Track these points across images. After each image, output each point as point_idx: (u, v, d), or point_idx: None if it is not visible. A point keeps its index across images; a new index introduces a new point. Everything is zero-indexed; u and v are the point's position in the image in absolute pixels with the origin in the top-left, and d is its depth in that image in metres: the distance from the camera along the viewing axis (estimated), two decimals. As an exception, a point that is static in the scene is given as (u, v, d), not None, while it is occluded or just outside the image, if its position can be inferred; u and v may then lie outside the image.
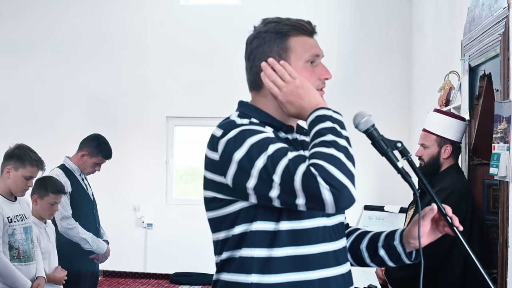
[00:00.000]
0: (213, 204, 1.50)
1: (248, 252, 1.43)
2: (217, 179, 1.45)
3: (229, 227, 1.47)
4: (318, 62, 1.53)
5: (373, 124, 1.53)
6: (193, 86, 6.73)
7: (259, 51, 1.51)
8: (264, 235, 1.43)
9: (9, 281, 3.07)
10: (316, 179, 1.28)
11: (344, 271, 1.53)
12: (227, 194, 1.45)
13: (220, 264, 1.50)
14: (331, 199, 1.28)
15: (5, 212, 3.15)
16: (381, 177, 5.92)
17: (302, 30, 1.51)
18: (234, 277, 1.45)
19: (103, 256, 4.00)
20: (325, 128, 1.36)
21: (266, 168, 1.33)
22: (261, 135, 1.40)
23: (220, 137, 1.44)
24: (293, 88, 1.44)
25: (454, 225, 1.50)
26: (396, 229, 1.64)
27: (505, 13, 2.59)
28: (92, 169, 4.05)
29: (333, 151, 1.31)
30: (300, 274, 1.43)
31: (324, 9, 6.48)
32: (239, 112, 1.54)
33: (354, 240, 1.68)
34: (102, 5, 6.90)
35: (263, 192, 1.35)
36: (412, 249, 1.59)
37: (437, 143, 2.99)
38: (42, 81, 6.90)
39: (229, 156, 1.40)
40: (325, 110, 1.40)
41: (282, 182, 1.32)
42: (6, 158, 3.26)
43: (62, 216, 3.80)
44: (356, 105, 5.90)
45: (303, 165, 1.31)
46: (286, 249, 1.43)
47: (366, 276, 5.58)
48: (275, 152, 1.34)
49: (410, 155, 1.53)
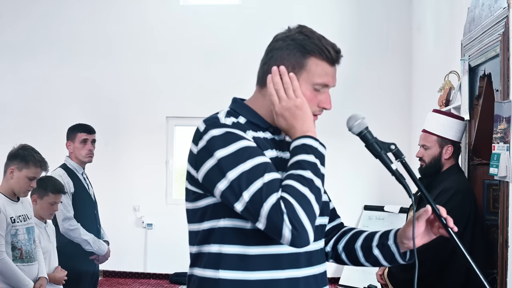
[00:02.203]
0: (188, 196, 1.53)
1: (217, 248, 1.46)
2: (192, 172, 1.48)
3: (198, 220, 1.50)
4: (325, 90, 1.53)
5: (366, 126, 1.54)
6: (193, 86, 6.74)
7: (278, 53, 1.51)
8: (233, 232, 1.45)
9: (12, 282, 3.08)
10: (282, 216, 1.32)
11: (317, 272, 1.53)
12: (198, 187, 1.48)
13: (193, 258, 1.53)
14: (289, 238, 1.34)
15: (8, 213, 3.15)
16: (381, 177, 5.90)
17: (325, 55, 1.50)
18: (205, 272, 1.48)
19: (103, 257, 3.99)
20: (307, 162, 1.39)
21: (239, 181, 1.37)
22: (242, 143, 1.41)
23: (202, 132, 1.46)
24: (291, 106, 1.46)
25: (448, 226, 1.50)
26: (390, 229, 1.64)
27: (505, 13, 2.59)
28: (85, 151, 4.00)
29: (306, 191, 1.35)
30: (270, 273, 1.45)
31: (324, 9, 6.49)
32: (229, 108, 1.56)
33: (349, 239, 1.68)
34: (102, 6, 6.91)
35: (229, 200, 1.39)
36: (406, 249, 1.59)
37: (438, 144, 2.99)
38: (42, 81, 6.90)
39: (205, 154, 1.42)
40: (313, 140, 1.43)
41: (249, 202, 1.35)
42: (10, 158, 3.25)
43: (64, 217, 3.79)
44: (356, 105, 5.92)
45: (275, 196, 1.34)
46: (254, 248, 1.45)
47: (366, 276, 5.59)
48: (252, 168, 1.37)
49: (404, 157, 1.54)
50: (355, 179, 6.37)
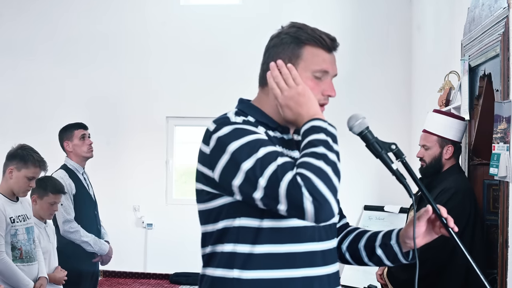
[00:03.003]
0: (201, 197, 1.52)
1: (231, 248, 1.46)
2: (206, 172, 1.48)
3: (214, 221, 1.49)
4: (327, 78, 1.53)
5: (367, 126, 1.54)
6: (193, 86, 6.73)
7: (274, 50, 1.53)
8: (247, 231, 1.45)
9: (12, 282, 3.08)
10: (300, 189, 1.30)
11: (331, 272, 1.53)
12: (214, 188, 1.47)
13: (206, 258, 1.53)
14: (312, 211, 1.31)
15: (7, 213, 3.15)
16: (381, 177, 5.90)
17: (319, 42, 1.51)
18: (218, 272, 1.48)
19: (107, 256, 3.99)
20: (318, 140, 1.38)
21: (254, 170, 1.36)
22: (254, 136, 1.41)
23: (212, 131, 1.46)
24: (294, 94, 1.46)
25: (449, 226, 1.50)
26: (393, 229, 1.65)
27: (505, 13, 2.59)
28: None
29: (322, 164, 1.33)
30: (283, 272, 1.45)
31: (324, 9, 6.48)
32: (237, 109, 1.57)
33: (352, 239, 1.69)
34: (103, 6, 6.90)
35: (248, 192, 1.38)
36: (409, 249, 1.59)
37: (438, 144, 2.99)
38: (42, 81, 6.90)
39: (219, 151, 1.42)
40: (321, 121, 1.42)
41: (267, 186, 1.34)
42: (9, 158, 3.25)
43: (65, 220, 3.79)
44: (356, 105, 5.92)
45: (290, 173, 1.33)
46: (268, 246, 1.45)
47: (366, 276, 5.59)
48: (266, 155, 1.37)
49: (404, 157, 1.54)
50: (355, 179, 6.36)
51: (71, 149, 3.98)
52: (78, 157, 3.98)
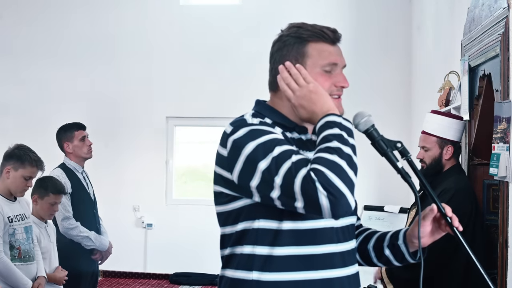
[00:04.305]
0: (220, 199, 1.53)
1: (250, 249, 1.46)
2: (225, 174, 1.48)
3: (233, 223, 1.50)
4: (337, 70, 1.54)
5: (373, 124, 1.54)
6: (193, 86, 6.73)
7: (279, 54, 1.54)
8: (266, 233, 1.45)
9: (10, 281, 3.08)
10: (314, 184, 1.30)
11: (351, 273, 1.53)
12: (233, 190, 1.48)
13: (225, 259, 1.53)
14: (327, 206, 1.30)
15: (5, 212, 3.15)
16: (381, 177, 5.92)
17: (322, 37, 1.52)
18: (237, 273, 1.48)
19: (106, 252, 4.00)
20: (332, 134, 1.37)
21: (270, 169, 1.36)
22: (269, 136, 1.42)
23: (229, 134, 1.47)
24: (306, 93, 1.46)
25: (453, 225, 1.50)
26: (400, 229, 1.65)
27: (505, 13, 2.59)
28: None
29: (335, 158, 1.32)
30: (302, 274, 1.45)
31: (324, 9, 6.48)
32: (254, 111, 1.57)
33: (362, 240, 1.70)
34: (102, 6, 6.90)
35: (265, 192, 1.38)
36: (416, 248, 1.59)
37: (438, 145, 2.98)
38: (42, 82, 6.89)
39: (236, 153, 1.42)
40: (335, 116, 1.42)
41: (283, 184, 1.34)
42: (6, 158, 3.26)
43: (64, 217, 3.79)
44: (356, 105, 5.85)
45: (304, 169, 1.32)
46: (287, 248, 1.44)
47: (366, 276, 5.58)
48: (280, 154, 1.36)
49: (410, 155, 1.53)
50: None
51: (71, 150, 3.98)
52: (78, 157, 3.98)
